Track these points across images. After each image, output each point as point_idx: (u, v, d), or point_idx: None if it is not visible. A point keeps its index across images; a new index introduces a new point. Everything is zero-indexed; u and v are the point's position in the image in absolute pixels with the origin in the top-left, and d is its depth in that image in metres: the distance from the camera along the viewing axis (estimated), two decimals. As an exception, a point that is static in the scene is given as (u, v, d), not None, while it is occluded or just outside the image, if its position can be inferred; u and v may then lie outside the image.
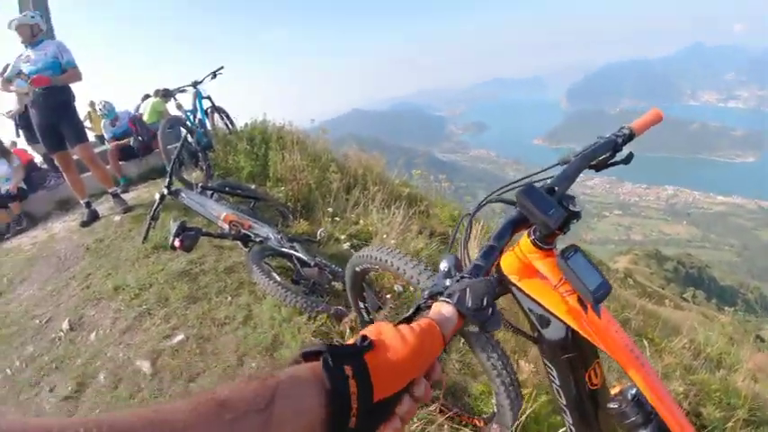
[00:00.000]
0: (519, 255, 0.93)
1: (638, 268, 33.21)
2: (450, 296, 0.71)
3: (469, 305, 0.69)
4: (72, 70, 4.80)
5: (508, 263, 0.95)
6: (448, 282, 0.77)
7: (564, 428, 1.06)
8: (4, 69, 6.11)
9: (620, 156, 1.09)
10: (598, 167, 1.08)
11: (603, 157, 1.06)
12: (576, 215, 0.86)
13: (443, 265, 0.82)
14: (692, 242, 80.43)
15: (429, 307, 0.73)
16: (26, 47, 4.77)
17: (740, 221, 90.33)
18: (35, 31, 4.74)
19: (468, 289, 0.70)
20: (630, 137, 1.11)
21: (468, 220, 1.07)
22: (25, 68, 4.63)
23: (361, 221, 3.87)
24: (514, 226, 0.94)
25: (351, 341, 0.55)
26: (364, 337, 0.54)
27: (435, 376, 0.63)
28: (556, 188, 0.89)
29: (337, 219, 3.93)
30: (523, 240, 0.92)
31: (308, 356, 0.52)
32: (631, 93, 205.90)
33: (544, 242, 0.89)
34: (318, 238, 3.48)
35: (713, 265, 55.51)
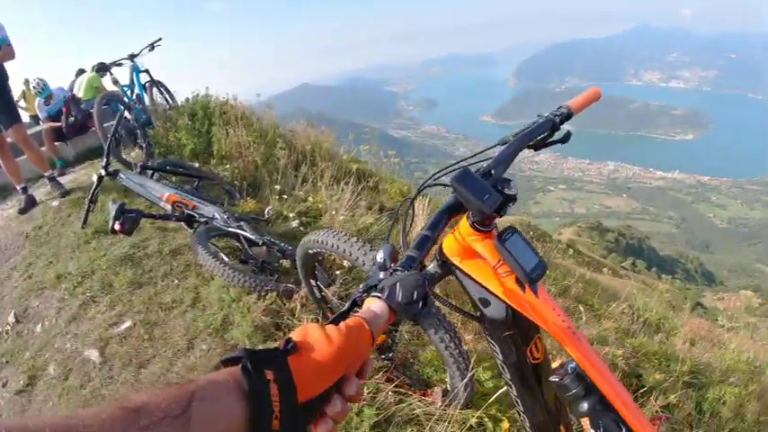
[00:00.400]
0: (458, 238, 0.95)
1: (581, 240, 35.08)
2: (381, 291, 0.73)
3: (399, 299, 0.71)
4: (6, 47, 4.45)
5: (449, 245, 0.98)
6: (382, 275, 0.79)
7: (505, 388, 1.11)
8: None
9: (558, 135, 1.11)
10: (537, 147, 1.11)
11: (542, 136, 1.08)
12: (512, 198, 0.88)
13: (379, 256, 0.83)
14: (632, 215, 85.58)
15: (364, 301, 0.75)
16: None
17: (679, 196, 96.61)
18: None
19: (398, 284, 0.72)
20: (569, 116, 1.13)
21: (407, 206, 1.08)
22: None
23: (310, 199, 3.84)
24: (450, 213, 0.96)
25: (276, 344, 0.56)
26: (288, 340, 0.55)
27: (366, 374, 0.65)
28: (492, 171, 0.90)
29: (285, 197, 3.88)
30: (462, 223, 0.94)
31: (228, 363, 0.52)
32: (577, 72, 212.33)
33: (482, 225, 0.91)
34: (266, 216, 3.42)
35: (653, 237, 59.51)
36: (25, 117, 10.94)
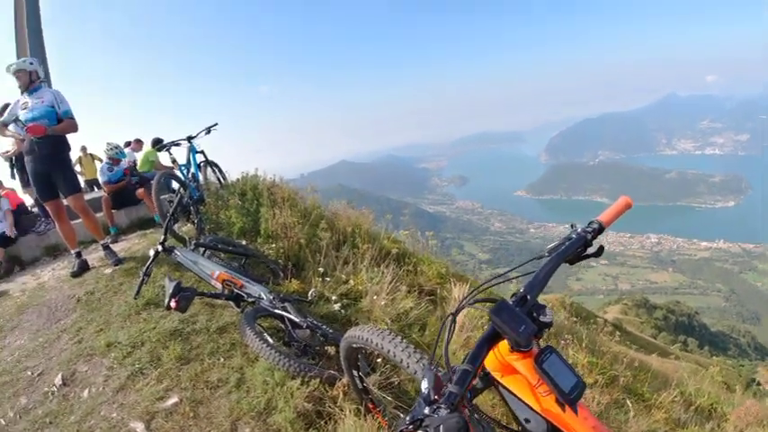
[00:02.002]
0: (498, 356, 1.00)
1: (628, 318, 33.39)
2: (425, 430, 0.80)
3: None
4: (68, 121, 4.83)
5: (491, 361, 1.03)
6: (427, 410, 0.86)
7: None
8: (2, 110, 6.20)
9: (591, 249, 1.17)
10: (572, 261, 1.17)
11: (577, 251, 1.15)
12: (548, 325, 0.94)
13: (424, 386, 0.90)
14: (680, 289, 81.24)
15: None
16: (23, 93, 4.80)
17: (726, 266, 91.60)
18: (33, 78, 4.79)
19: (441, 427, 0.78)
20: (600, 230, 1.19)
21: (450, 321, 1.14)
22: (22, 115, 4.66)
23: (351, 281, 3.92)
24: (490, 343, 1.01)
25: None
26: None
27: None
28: (528, 296, 0.97)
29: (327, 278, 3.97)
30: (503, 343, 0.99)
31: None
32: (608, 145, 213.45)
33: (521, 346, 0.95)
34: (310, 297, 3.51)
35: (702, 312, 55.96)
36: (80, 181, 11.82)
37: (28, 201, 7.76)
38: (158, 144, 7.35)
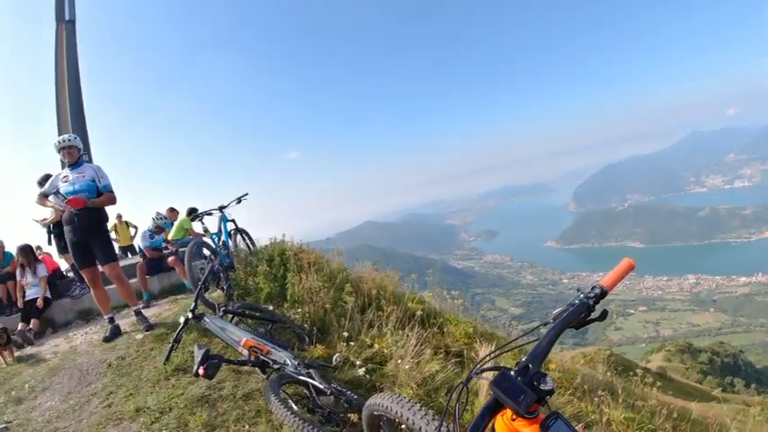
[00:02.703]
0: (506, 422, 1.03)
1: (672, 365, 31.48)
2: None
3: None
4: (108, 194, 5.13)
5: (500, 426, 1.05)
6: None
7: None
8: (43, 180, 6.65)
9: (595, 314, 1.20)
10: (577, 327, 1.20)
11: (580, 317, 1.18)
12: (549, 393, 0.97)
13: None
14: (723, 329, 76.58)
15: None
16: (65, 167, 5.13)
17: (767, 299, 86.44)
18: (78, 154, 5.13)
19: None
20: (603, 294, 1.22)
21: (461, 389, 1.17)
22: (63, 188, 4.95)
23: (376, 345, 3.90)
24: (492, 413, 1.04)
25: None
26: None
27: None
28: (530, 365, 1.00)
29: (352, 342, 3.98)
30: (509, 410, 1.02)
31: None
32: (636, 188, 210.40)
33: (521, 415, 0.98)
34: (334, 363, 3.52)
35: (747, 349, 52.22)
36: (115, 249, 12.28)
37: (63, 266, 8.14)
38: (193, 213, 7.73)
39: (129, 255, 12.26)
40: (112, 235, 12.55)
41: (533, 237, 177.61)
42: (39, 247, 8.31)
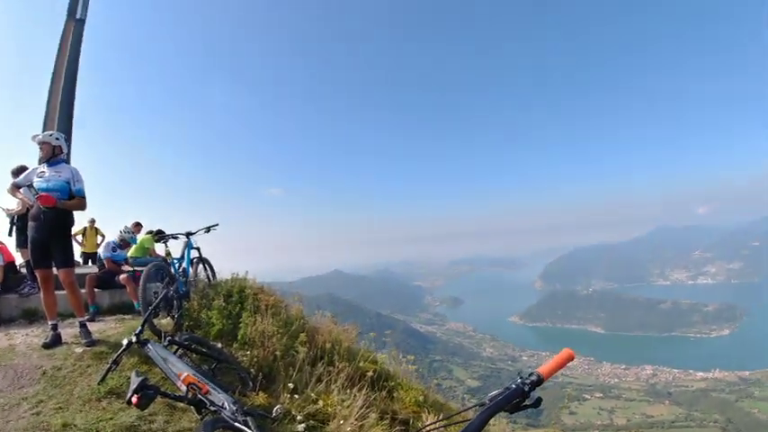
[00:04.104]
0: None
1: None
2: None
3: None
4: (79, 199, 5.05)
5: None
6: None
7: None
8: (18, 170, 6.45)
9: (530, 400, 1.20)
10: (511, 411, 1.20)
11: (515, 402, 1.18)
12: None
13: None
14: (677, 422, 77.06)
15: None
16: (43, 163, 5.05)
17: (722, 395, 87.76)
18: (56, 152, 5.07)
19: None
20: (539, 382, 1.22)
21: None
22: (36, 183, 4.86)
23: (321, 401, 3.76)
24: None
25: None
26: None
27: None
28: None
29: (297, 395, 3.83)
30: None
31: None
32: (602, 275, 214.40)
33: None
34: (274, 414, 3.36)
35: None
36: (77, 251, 11.85)
37: (18, 260, 7.78)
38: (159, 235, 7.57)
39: (91, 262, 11.88)
40: (79, 239, 12.20)
41: (498, 309, 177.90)
42: None
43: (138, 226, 10.09)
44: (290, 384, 3.88)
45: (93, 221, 12.52)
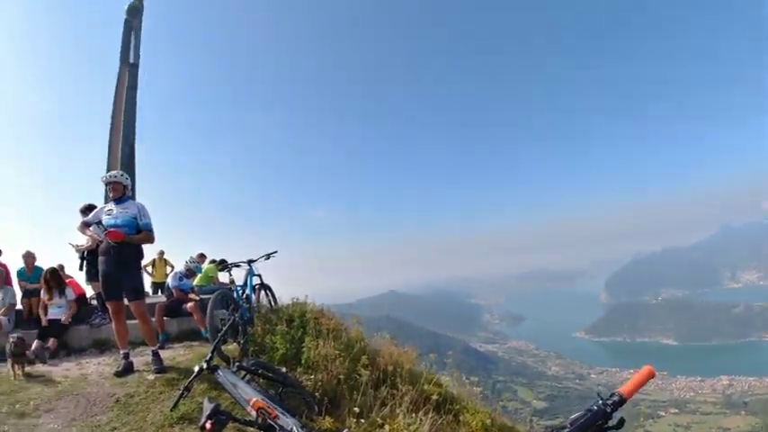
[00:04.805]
0: None
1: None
2: None
3: None
4: (146, 233, 5.33)
5: None
6: None
7: None
8: (86, 209, 6.96)
9: (612, 422, 1.15)
10: None
11: (597, 424, 1.14)
12: None
13: None
14: None
15: None
16: (110, 200, 5.39)
17: None
18: (126, 192, 5.40)
19: None
20: (621, 402, 1.18)
21: None
22: (105, 220, 5.17)
23: (387, 426, 3.72)
24: None
25: None
26: None
27: None
28: None
29: (362, 419, 3.81)
30: None
31: None
32: (671, 281, 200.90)
33: None
34: (342, 439, 3.38)
35: None
36: (147, 281, 12.55)
37: (88, 293, 8.35)
38: (222, 264, 7.89)
39: (160, 292, 12.52)
40: (149, 269, 12.94)
41: (562, 325, 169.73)
42: (62, 267, 8.61)
43: (202, 257, 10.57)
44: (355, 408, 3.87)
45: (161, 253, 13.23)
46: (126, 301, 5.35)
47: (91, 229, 5.38)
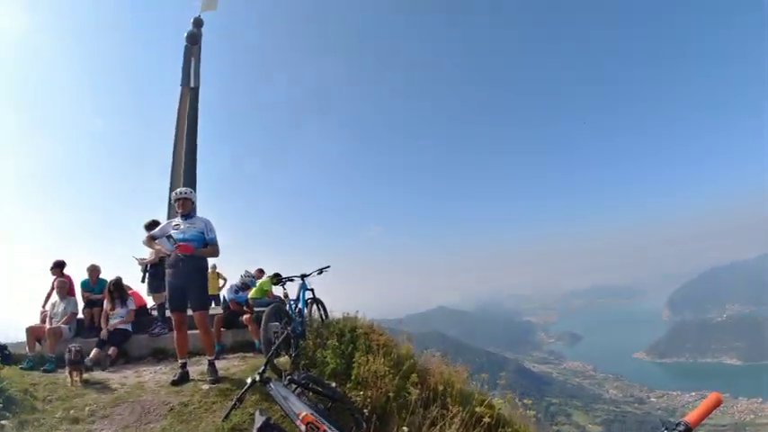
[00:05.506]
0: None
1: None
2: None
3: None
4: (212, 247, 5.60)
5: None
6: None
7: None
8: (150, 225, 7.36)
9: None
10: None
11: None
12: None
13: None
14: None
15: None
16: (178, 216, 5.66)
17: None
18: (191, 207, 5.69)
19: None
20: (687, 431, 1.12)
21: None
22: (174, 234, 5.45)
23: (437, 447, 3.65)
24: None
25: None
26: None
27: None
28: None
29: (411, 440, 3.76)
30: None
31: None
32: (736, 297, 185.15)
33: None
34: (391, 457, 3.34)
35: None
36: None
37: (149, 303, 8.81)
38: (277, 277, 8.11)
39: (213, 304, 12.98)
40: None
41: (621, 345, 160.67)
42: (120, 279, 9.15)
43: (261, 272, 10.90)
44: (404, 428, 3.82)
45: (214, 267, 13.73)
46: (190, 312, 5.59)
47: (158, 242, 5.70)
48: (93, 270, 8.76)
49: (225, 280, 13.64)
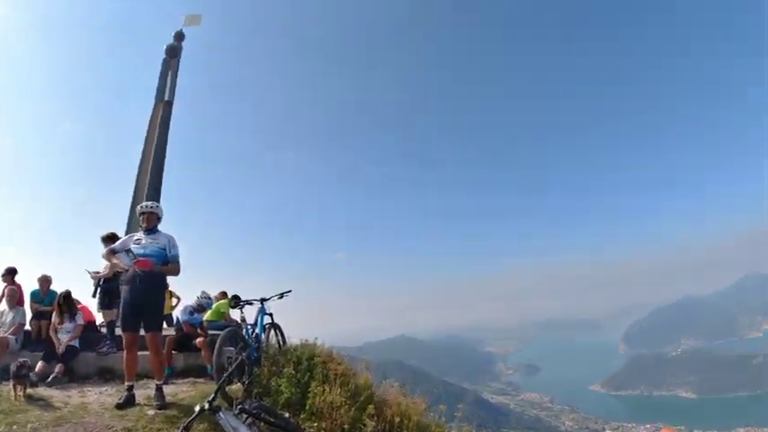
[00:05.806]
0: None
1: None
2: None
3: None
4: (174, 265, 5.37)
5: None
6: None
7: None
8: (108, 237, 7.01)
9: None
10: None
11: None
12: None
13: None
14: None
15: None
16: (141, 230, 5.43)
17: None
18: (157, 222, 5.48)
19: None
20: None
21: None
22: (135, 249, 5.20)
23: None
24: None
25: None
26: None
27: None
28: None
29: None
30: None
31: None
32: (691, 331, 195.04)
33: None
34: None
35: None
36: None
37: (99, 320, 8.34)
38: (235, 300, 7.84)
39: (165, 324, 12.42)
40: None
41: (578, 377, 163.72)
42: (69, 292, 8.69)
43: (224, 294, 10.57)
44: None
45: (166, 285, 13.19)
46: (143, 332, 5.33)
47: (117, 256, 5.41)
48: (44, 280, 8.34)
49: (178, 299, 13.13)
